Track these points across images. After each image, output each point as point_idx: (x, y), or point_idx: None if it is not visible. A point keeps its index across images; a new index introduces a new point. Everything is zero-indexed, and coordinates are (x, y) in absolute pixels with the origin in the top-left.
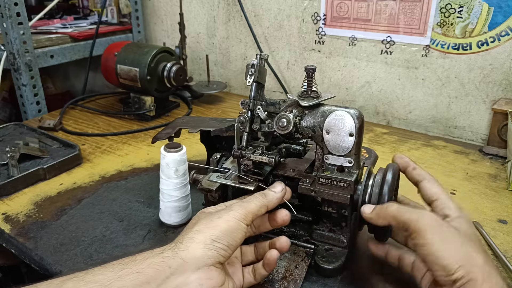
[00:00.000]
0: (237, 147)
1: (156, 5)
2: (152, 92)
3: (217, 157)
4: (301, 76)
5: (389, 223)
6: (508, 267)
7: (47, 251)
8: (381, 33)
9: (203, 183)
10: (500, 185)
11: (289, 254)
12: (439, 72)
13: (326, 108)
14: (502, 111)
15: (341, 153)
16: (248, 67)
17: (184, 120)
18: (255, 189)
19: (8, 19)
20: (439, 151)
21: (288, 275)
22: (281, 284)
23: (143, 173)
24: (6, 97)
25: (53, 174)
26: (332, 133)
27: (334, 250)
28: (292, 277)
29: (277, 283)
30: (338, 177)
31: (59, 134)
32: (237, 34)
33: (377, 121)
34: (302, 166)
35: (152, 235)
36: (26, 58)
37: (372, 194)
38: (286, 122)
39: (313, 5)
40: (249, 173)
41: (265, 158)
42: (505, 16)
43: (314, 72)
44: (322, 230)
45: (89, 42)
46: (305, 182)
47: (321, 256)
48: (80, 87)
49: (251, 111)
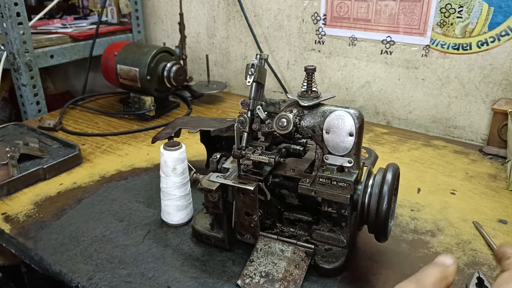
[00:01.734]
0: (237, 147)
1: (156, 5)
2: (152, 92)
3: (217, 157)
4: (301, 76)
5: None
6: None
7: (47, 251)
8: (381, 33)
9: (203, 183)
10: (500, 185)
11: (289, 254)
12: (439, 72)
13: (326, 108)
14: (502, 111)
15: (341, 153)
16: (248, 67)
17: (184, 120)
18: (255, 189)
19: (8, 19)
20: (439, 151)
21: (288, 275)
22: (281, 284)
23: (143, 173)
24: (6, 97)
25: (53, 174)
26: (332, 133)
27: (334, 250)
28: (292, 277)
29: (277, 283)
30: (338, 177)
31: (59, 134)
32: (237, 34)
33: (377, 121)
34: (302, 166)
35: (152, 235)
36: (26, 58)
37: (372, 194)
38: (286, 122)
39: (313, 5)
40: (249, 173)
41: (265, 158)
42: (505, 16)
43: (314, 72)
44: (322, 230)
45: (89, 42)
46: (305, 182)
47: (321, 256)
48: (80, 87)
49: (251, 111)
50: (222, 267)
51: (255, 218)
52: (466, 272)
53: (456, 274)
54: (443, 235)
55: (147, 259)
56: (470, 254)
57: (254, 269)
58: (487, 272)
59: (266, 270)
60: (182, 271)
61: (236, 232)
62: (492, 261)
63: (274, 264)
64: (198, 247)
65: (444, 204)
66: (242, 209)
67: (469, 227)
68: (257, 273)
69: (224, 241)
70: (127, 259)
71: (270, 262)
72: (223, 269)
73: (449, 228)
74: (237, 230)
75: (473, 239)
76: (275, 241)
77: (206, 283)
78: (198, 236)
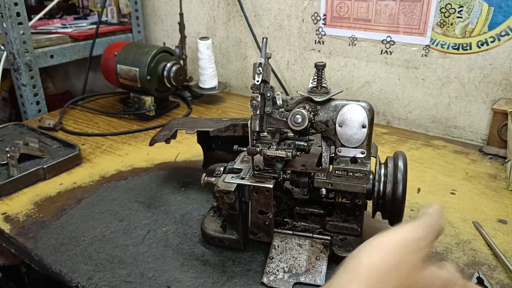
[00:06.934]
0: (251, 145)
1: (156, 5)
2: (152, 92)
3: (220, 171)
4: (301, 76)
5: None
6: (508, 267)
7: (47, 251)
8: (381, 33)
9: (220, 185)
10: (500, 185)
11: (307, 247)
12: (439, 72)
13: (338, 103)
14: (502, 111)
15: (354, 144)
16: (255, 66)
17: (180, 121)
18: (273, 186)
19: (8, 19)
20: (439, 151)
21: (311, 268)
22: (306, 277)
23: (143, 173)
24: (6, 97)
25: (53, 174)
26: (345, 126)
27: (348, 239)
28: (315, 269)
29: (302, 277)
30: (354, 168)
31: (59, 134)
32: (237, 34)
33: (377, 121)
34: (311, 161)
35: (152, 235)
36: (26, 58)
37: (387, 182)
38: (301, 118)
39: (313, 5)
40: (262, 172)
41: (282, 152)
42: (505, 16)
43: (324, 68)
44: (336, 221)
45: (89, 42)
46: (320, 176)
47: (338, 246)
48: (80, 87)
49: (262, 95)
50: (222, 267)
51: (270, 216)
52: (466, 272)
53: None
54: (443, 235)
55: (147, 259)
56: (470, 254)
57: (276, 266)
58: (487, 272)
59: (288, 266)
60: (182, 271)
61: (248, 232)
62: (492, 261)
63: (294, 259)
64: (198, 247)
65: (444, 204)
66: (256, 208)
67: (469, 227)
68: (280, 269)
69: (239, 242)
70: (127, 259)
71: (290, 257)
72: (223, 269)
73: (449, 228)
74: (250, 230)
75: (473, 239)
76: (291, 236)
77: (206, 283)
78: (209, 239)
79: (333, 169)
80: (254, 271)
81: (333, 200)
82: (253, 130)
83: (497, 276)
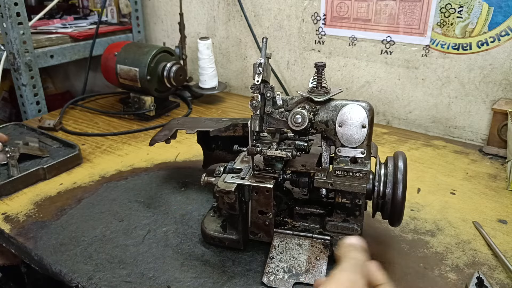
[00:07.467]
0: (251, 145)
1: (156, 5)
2: (152, 92)
3: (220, 171)
4: (301, 76)
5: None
6: (508, 267)
7: (47, 251)
8: (381, 33)
9: (220, 185)
10: (500, 185)
11: (307, 247)
12: (439, 72)
13: (338, 103)
14: (502, 111)
15: (354, 144)
16: (255, 66)
17: (180, 121)
18: (273, 186)
19: (8, 19)
20: (439, 151)
21: (310, 268)
22: (306, 277)
23: (143, 173)
24: (6, 97)
25: (53, 174)
26: (345, 126)
27: None
28: (315, 269)
29: (302, 276)
30: (354, 168)
31: (59, 134)
32: (237, 34)
33: (377, 121)
34: (311, 161)
35: (152, 235)
36: (26, 58)
37: (387, 182)
38: (301, 118)
39: (313, 5)
40: (262, 172)
41: (282, 152)
42: (505, 16)
43: (324, 68)
44: (335, 221)
45: (89, 42)
46: (320, 176)
47: (338, 246)
48: (80, 87)
49: (262, 95)
50: (222, 267)
51: (270, 216)
52: (466, 272)
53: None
54: (443, 235)
55: (147, 259)
56: (470, 254)
57: (276, 266)
58: (487, 272)
59: (288, 266)
60: (182, 271)
61: (248, 232)
62: (492, 261)
63: (294, 258)
64: (198, 247)
65: (444, 204)
66: (256, 208)
67: (469, 227)
68: (280, 269)
69: (239, 242)
70: (127, 259)
71: (290, 257)
72: (223, 269)
73: (449, 228)
74: (250, 230)
75: (473, 239)
76: (291, 236)
77: (206, 283)
78: (209, 239)
79: (333, 169)
80: (254, 271)
81: (333, 200)
82: (253, 130)
83: (497, 276)
